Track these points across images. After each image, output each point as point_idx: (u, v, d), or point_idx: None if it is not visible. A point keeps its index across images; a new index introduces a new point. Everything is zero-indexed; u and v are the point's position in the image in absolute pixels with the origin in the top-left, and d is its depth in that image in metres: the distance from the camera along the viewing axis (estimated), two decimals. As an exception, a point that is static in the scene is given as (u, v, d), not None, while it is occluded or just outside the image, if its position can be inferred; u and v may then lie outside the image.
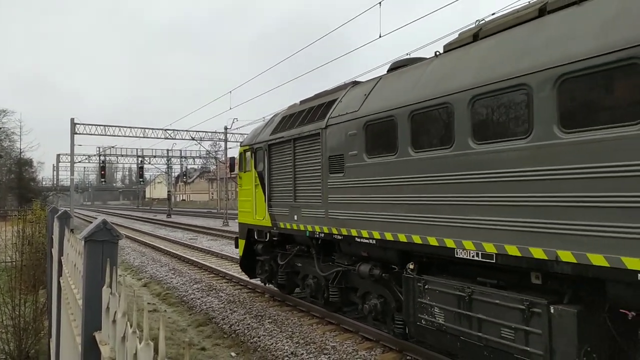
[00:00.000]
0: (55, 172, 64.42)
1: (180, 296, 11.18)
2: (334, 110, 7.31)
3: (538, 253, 4.31)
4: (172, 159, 58.10)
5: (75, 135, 35.41)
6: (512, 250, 4.55)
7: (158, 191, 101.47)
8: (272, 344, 7.39)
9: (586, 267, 3.94)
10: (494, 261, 4.74)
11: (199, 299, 10.64)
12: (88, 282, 2.18)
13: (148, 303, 10.48)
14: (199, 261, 15.44)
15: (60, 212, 4.82)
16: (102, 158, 48.02)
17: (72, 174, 37.06)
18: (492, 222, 4.75)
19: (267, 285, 10.23)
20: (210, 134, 45.34)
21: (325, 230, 7.31)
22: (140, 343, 1.29)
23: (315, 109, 7.89)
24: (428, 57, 6.48)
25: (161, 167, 61.25)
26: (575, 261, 4.02)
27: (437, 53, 6.06)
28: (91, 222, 2.28)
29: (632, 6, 3.85)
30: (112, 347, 1.76)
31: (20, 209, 16.19)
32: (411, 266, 5.86)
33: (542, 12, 4.81)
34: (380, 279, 6.61)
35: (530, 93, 4.37)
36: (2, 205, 42.99)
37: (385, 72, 7.20)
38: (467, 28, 5.93)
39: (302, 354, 6.89)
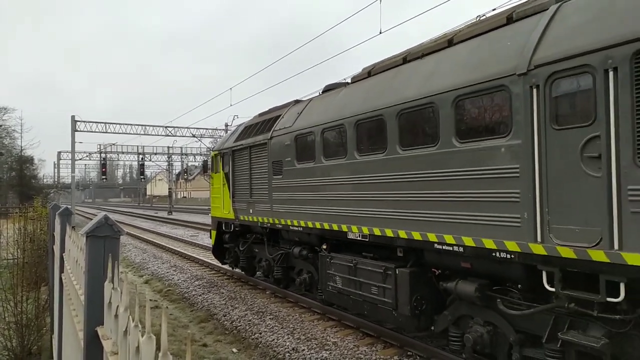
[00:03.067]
0: (56, 169, 67.23)
1: (182, 293, 11.76)
2: (277, 124, 9.61)
3: (389, 232, 6.55)
4: (173, 156, 60.75)
5: (76, 132, 37.23)
6: (377, 231, 6.79)
7: (159, 188, 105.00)
8: (273, 340, 7.80)
9: (411, 241, 6.18)
10: (367, 240, 6.99)
11: (200, 295, 11.20)
12: (90, 277, 2.28)
13: (150, 300, 11.04)
14: (200, 258, 16.16)
15: (61, 209, 5.20)
16: (103, 155, 50.38)
17: (73, 171, 38.71)
18: (367, 212, 7.00)
19: (234, 269, 12.63)
20: (210, 130, 47.57)
21: (271, 221, 9.62)
22: (142, 337, 1.32)
23: (266, 122, 10.20)
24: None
25: (162, 164, 63.99)
26: (406, 237, 6.26)
27: (347, 83, 8.31)
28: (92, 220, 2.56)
29: (439, 68, 6.06)
30: (115, 341, 1.80)
31: (22, 207, 16.99)
32: (324, 246, 8.16)
33: (405, 60, 7.03)
34: (307, 258, 8.96)
35: (385, 122, 6.60)
36: (3, 202, 44.87)
37: (320, 93, 9.46)
38: (368, 65, 8.15)
39: (304, 349, 7.25)
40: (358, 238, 7.17)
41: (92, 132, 39.75)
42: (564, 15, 4.77)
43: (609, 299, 4.14)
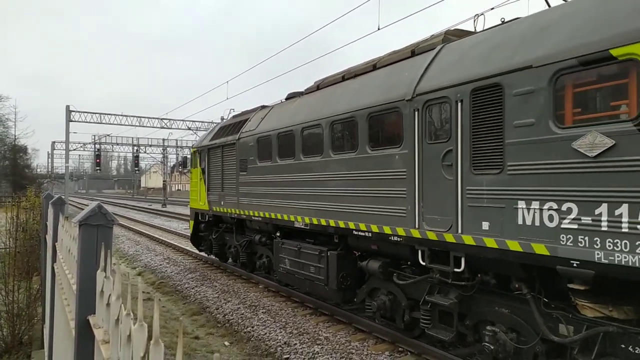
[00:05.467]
0: (50, 159, 68.97)
1: (175, 285, 12.14)
2: (245, 126, 11.36)
3: (323, 222, 8.29)
4: (168, 149, 62.60)
5: (70, 122, 38.55)
6: (315, 221, 8.53)
7: (153, 180, 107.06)
8: (265, 333, 8.09)
9: (338, 229, 7.92)
10: (308, 228, 8.73)
11: (193, 288, 11.59)
12: (82, 266, 2.35)
13: (142, 292, 12.62)
14: (194, 251, 16.21)
15: (54, 198, 5.33)
16: (97, 146, 52.14)
17: (67, 161, 39.67)
18: (309, 205, 8.74)
19: (209, 255, 14.43)
20: (206, 123, 49.17)
21: (238, 212, 11.39)
22: (134, 325, 1.35)
23: (236, 124, 11.96)
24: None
25: (157, 156, 65.81)
26: (334, 225, 7.99)
27: (301, 94, 10.04)
28: (86, 211, 2.59)
29: (362, 88, 7.77)
30: (106, 330, 1.88)
31: (15, 196, 18.05)
32: (278, 234, 9.92)
33: (344, 78, 8.75)
34: (266, 244, 10.74)
35: (322, 130, 8.32)
36: (-4, 191, 46.62)
37: (284, 99, 11.19)
38: (319, 79, 9.86)
39: (296, 344, 7.51)
40: (302, 226, 8.92)
41: (86, 122, 40.78)
42: (441, 55, 6.48)
43: (455, 269, 5.88)
